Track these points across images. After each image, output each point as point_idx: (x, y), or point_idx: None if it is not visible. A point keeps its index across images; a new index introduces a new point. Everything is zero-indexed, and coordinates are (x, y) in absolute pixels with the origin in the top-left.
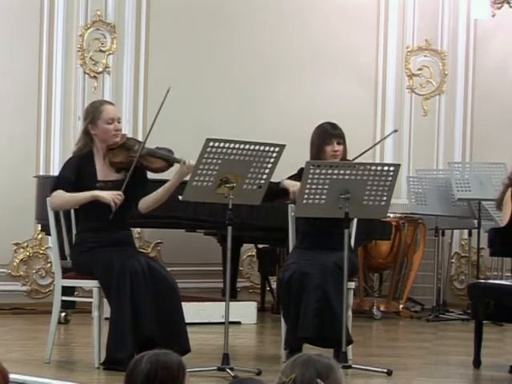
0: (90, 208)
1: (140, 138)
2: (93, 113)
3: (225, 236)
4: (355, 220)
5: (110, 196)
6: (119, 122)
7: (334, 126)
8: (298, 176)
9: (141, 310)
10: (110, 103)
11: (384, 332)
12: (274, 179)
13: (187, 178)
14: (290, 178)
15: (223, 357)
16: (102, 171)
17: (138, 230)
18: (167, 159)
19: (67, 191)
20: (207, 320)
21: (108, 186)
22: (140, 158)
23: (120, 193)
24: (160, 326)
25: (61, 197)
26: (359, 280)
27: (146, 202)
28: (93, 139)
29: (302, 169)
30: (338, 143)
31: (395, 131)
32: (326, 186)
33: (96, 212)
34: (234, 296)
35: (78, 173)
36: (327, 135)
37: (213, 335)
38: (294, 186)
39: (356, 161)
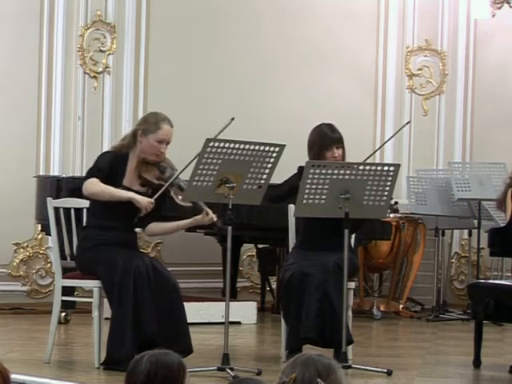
0: (100, 205)
1: None
2: (151, 124)
3: (225, 236)
4: None
5: (145, 202)
6: (167, 145)
7: (332, 129)
8: (299, 175)
9: (143, 310)
10: (171, 124)
11: (384, 332)
12: (274, 179)
13: (187, 178)
14: (290, 178)
15: (223, 357)
16: (130, 177)
17: (138, 230)
18: (194, 202)
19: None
20: (207, 320)
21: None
22: (169, 187)
23: (152, 201)
24: (162, 327)
25: (97, 185)
26: (359, 280)
27: (152, 229)
28: (136, 143)
29: (301, 167)
30: (338, 147)
31: (408, 122)
32: (326, 186)
33: (109, 210)
34: (234, 296)
35: (110, 169)
36: (327, 140)
37: (213, 335)
38: None
39: (351, 158)
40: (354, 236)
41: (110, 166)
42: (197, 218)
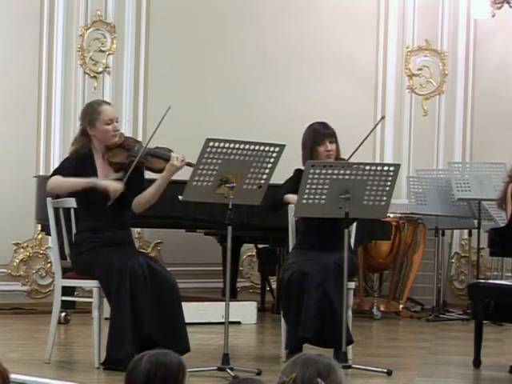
0: (88, 208)
1: (140, 138)
2: (91, 114)
3: (225, 236)
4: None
5: (111, 186)
6: (117, 122)
7: (324, 125)
8: (295, 178)
9: (141, 310)
10: (108, 103)
11: (384, 332)
12: (273, 179)
13: (187, 178)
14: (287, 181)
15: (223, 357)
16: (102, 170)
17: (138, 230)
18: (166, 158)
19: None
20: (207, 320)
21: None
22: (141, 159)
23: (121, 185)
24: (160, 326)
25: (57, 179)
26: (359, 280)
27: (138, 202)
28: (91, 139)
29: (297, 170)
30: (331, 142)
31: (382, 118)
32: (326, 186)
33: (95, 212)
34: (234, 296)
35: (76, 171)
36: (319, 135)
37: (213, 335)
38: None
39: (352, 158)
40: (353, 236)
41: (75, 168)
42: (168, 167)
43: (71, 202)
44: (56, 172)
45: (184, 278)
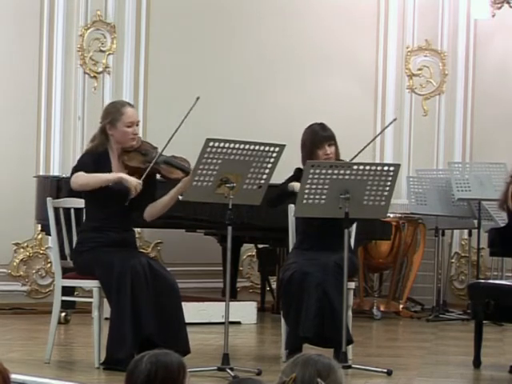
0: (98, 207)
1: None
2: (113, 113)
3: (225, 236)
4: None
5: (134, 182)
6: (137, 126)
7: (323, 127)
8: (295, 177)
9: (141, 310)
10: (131, 105)
11: (384, 332)
12: (274, 179)
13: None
14: (287, 180)
15: (223, 357)
16: (116, 171)
17: (138, 230)
18: (184, 169)
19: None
20: (207, 320)
21: (121, 186)
22: (156, 165)
23: (140, 181)
24: (160, 327)
25: (84, 175)
26: (359, 280)
27: (151, 211)
28: (108, 138)
29: (298, 169)
30: (329, 145)
31: (395, 119)
32: (326, 186)
33: (99, 212)
34: (234, 296)
35: (95, 168)
36: (318, 138)
37: (213, 335)
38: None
39: (356, 159)
40: (354, 236)
41: (93, 166)
42: (185, 179)
43: (71, 202)
44: (77, 169)
45: (184, 278)
